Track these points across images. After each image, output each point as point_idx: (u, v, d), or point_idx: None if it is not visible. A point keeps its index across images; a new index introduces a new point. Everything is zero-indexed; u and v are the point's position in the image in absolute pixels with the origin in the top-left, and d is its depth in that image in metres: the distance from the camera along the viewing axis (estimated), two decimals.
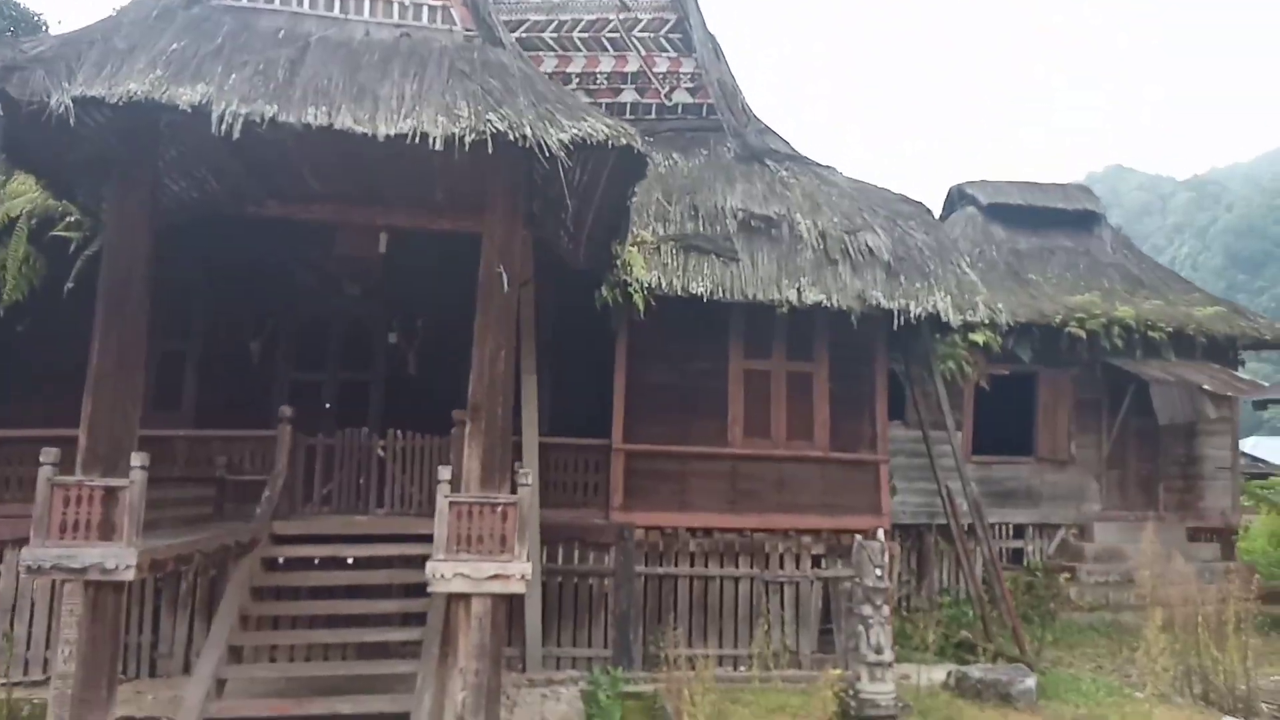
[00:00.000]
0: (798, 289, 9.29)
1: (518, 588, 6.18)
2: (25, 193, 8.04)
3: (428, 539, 8.69)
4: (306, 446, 9.30)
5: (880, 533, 7.70)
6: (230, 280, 10.33)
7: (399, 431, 9.50)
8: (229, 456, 9.12)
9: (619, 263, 8.63)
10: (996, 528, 13.59)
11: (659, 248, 9.38)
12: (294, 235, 9.27)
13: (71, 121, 5.45)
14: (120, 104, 5.54)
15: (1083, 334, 13.55)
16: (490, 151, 5.88)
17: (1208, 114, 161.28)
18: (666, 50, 11.41)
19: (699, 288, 9.14)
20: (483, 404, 6.42)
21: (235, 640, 7.53)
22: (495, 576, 6.12)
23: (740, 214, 9.74)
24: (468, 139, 5.84)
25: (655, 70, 11.43)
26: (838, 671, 6.74)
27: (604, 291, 8.80)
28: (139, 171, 6.44)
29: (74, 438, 8.70)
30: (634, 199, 7.33)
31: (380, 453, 9.49)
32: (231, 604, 7.62)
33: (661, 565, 9.54)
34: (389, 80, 6.22)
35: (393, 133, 5.77)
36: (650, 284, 8.98)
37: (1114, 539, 13.62)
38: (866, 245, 9.65)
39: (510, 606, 9.16)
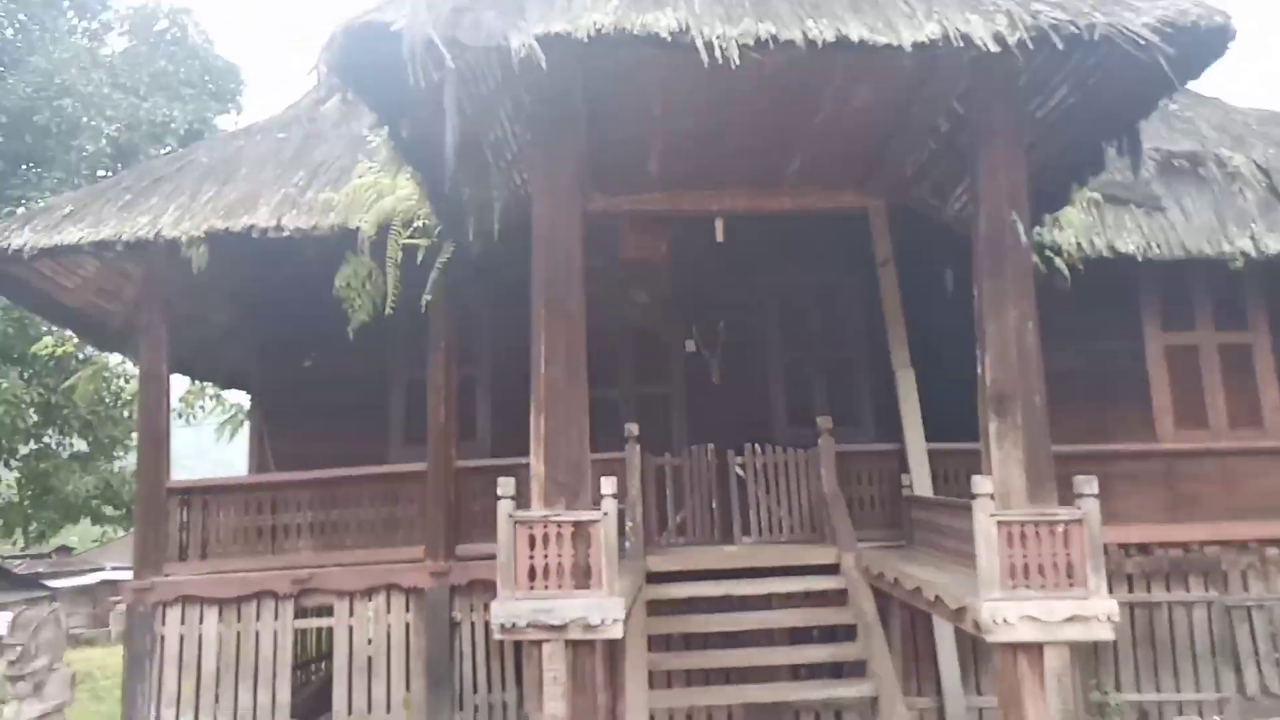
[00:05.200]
0: (1251, 237, 7.44)
1: (1103, 632, 4.61)
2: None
3: (821, 570, 7.38)
4: (655, 468, 8.14)
5: None
6: (512, 297, 9.32)
7: (757, 446, 8.21)
8: None
9: (1050, 219, 7.01)
10: None
11: None
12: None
13: (543, 64, 4.33)
14: (588, 40, 4.40)
15: None
16: (1060, 48, 4.42)
17: None
18: None
19: (1126, 246, 7.42)
20: (1013, 392, 4.91)
21: (655, 703, 6.29)
22: (1072, 619, 4.58)
23: (1156, 154, 7.94)
24: (1017, 38, 4.40)
25: None
26: None
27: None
28: (570, 135, 5.33)
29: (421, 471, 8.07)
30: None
31: (739, 471, 8.21)
32: (638, 658, 6.39)
33: None
34: None
35: (923, 39, 4.40)
36: (1069, 246, 7.34)
37: None
38: None
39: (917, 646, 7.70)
